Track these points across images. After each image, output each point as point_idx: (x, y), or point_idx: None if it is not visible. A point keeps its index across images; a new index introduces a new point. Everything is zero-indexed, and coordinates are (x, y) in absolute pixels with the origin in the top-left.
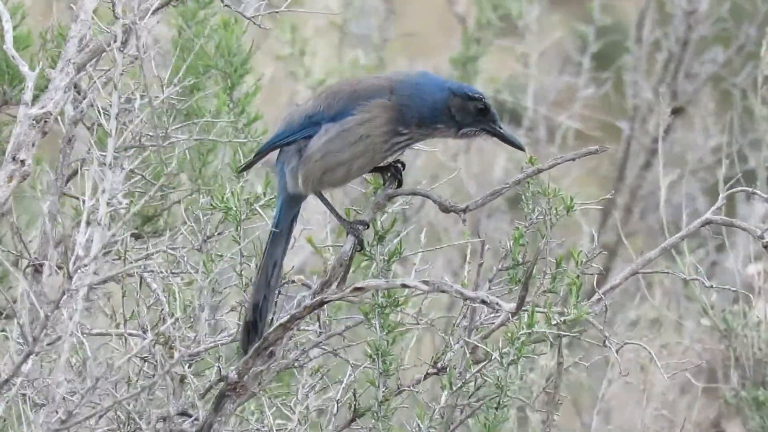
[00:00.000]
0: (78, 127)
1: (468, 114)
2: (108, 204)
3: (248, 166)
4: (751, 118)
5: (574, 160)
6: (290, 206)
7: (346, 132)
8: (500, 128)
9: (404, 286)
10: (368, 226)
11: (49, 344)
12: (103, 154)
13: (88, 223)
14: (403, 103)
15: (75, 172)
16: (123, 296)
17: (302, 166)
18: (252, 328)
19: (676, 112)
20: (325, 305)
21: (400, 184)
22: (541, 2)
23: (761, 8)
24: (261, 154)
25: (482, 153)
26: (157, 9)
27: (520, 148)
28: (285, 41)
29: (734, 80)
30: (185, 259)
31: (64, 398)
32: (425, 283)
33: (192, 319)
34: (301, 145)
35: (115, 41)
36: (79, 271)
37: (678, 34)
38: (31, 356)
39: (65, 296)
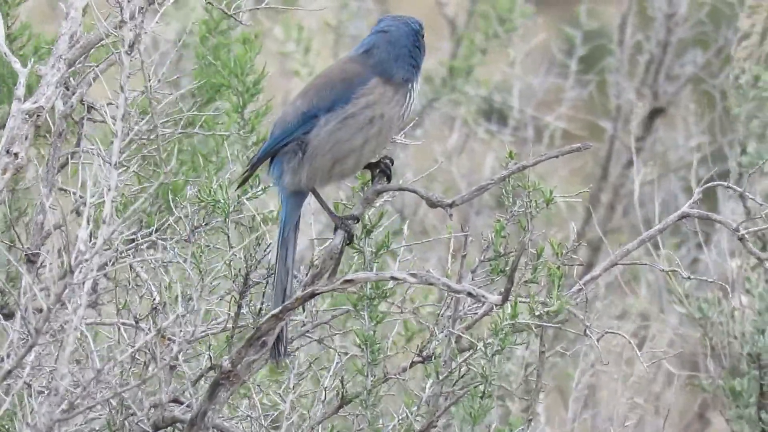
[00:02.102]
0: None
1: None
2: (112, 202)
3: (246, 178)
4: (730, 118)
5: (557, 157)
6: (295, 209)
7: (352, 118)
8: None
9: (393, 278)
10: (358, 221)
11: (51, 336)
12: (107, 150)
13: (88, 219)
14: (388, 68)
15: (64, 165)
16: (115, 287)
17: (308, 162)
18: (279, 338)
19: (657, 112)
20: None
21: (389, 180)
22: (527, 4)
23: (738, 11)
24: (259, 161)
25: (472, 153)
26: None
27: None
28: (288, 39)
29: (713, 82)
30: (175, 249)
31: (67, 390)
32: (413, 275)
33: (185, 309)
34: (301, 142)
35: (123, 45)
36: (80, 265)
37: (659, 37)
38: (34, 348)
39: (67, 290)
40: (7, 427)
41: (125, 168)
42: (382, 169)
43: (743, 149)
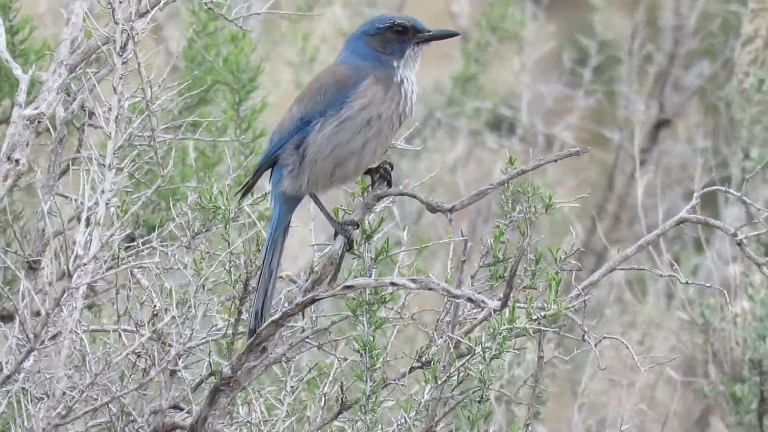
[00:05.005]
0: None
1: (393, 41)
2: (107, 204)
3: (250, 187)
4: (733, 125)
5: (556, 161)
6: (287, 212)
7: (349, 121)
8: (429, 32)
9: (393, 284)
10: (358, 226)
11: (50, 340)
12: (102, 155)
13: (87, 223)
14: (364, 69)
15: (65, 171)
16: (117, 293)
17: (308, 167)
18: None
19: (663, 123)
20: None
21: (389, 185)
22: (538, 13)
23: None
24: (260, 169)
25: (481, 163)
26: (147, 13)
27: (453, 34)
28: (295, 49)
29: (720, 93)
30: (176, 256)
31: (64, 393)
32: (413, 281)
33: (184, 315)
34: (298, 147)
35: (114, 45)
36: (78, 270)
37: (667, 48)
38: (33, 353)
39: (66, 294)
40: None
41: (120, 170)
42: (381, 174)
43: (746, 154)
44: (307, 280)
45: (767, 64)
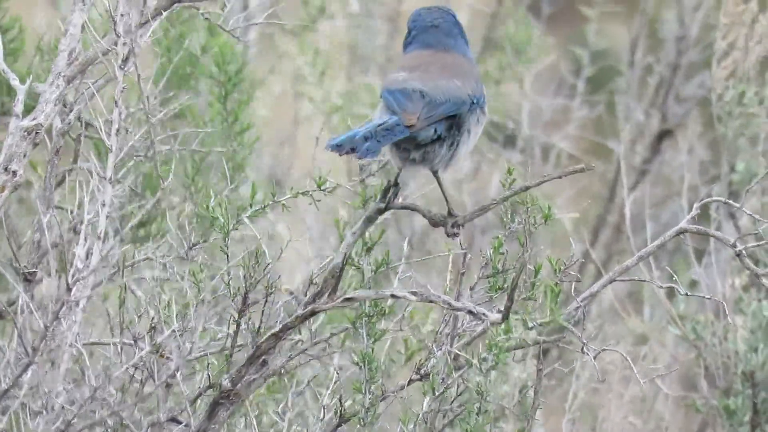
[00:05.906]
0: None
1: None
2: (107, 218)
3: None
4: (722, 143)
5: (560, 177)
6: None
7: (482, 127)
8: None
9: (393, 296)
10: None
11: (49, 353)
12: (101, 166)
13: (86, 236)
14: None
15: (60, 182)
16: (120, 306)
17: (462, 145)
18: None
19: (665, 134)
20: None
21: (395, 195)
22: (538, 23)
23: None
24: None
25: (479, 173)
26: (151, 20)
27: None
28: (302, 57)
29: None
30: (173, 268)
31: (63, 407)
32: (414, 293)
33: (183, 328)
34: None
35: (114, 57)
36: (77, 283)
37: (669, 59)
38: (31, 367)
39: (64, 307)
40: None
41: (120, 183)
42: (386, 188)
43: (732, 167)
44: (306, 293)
45: (747, 77)
